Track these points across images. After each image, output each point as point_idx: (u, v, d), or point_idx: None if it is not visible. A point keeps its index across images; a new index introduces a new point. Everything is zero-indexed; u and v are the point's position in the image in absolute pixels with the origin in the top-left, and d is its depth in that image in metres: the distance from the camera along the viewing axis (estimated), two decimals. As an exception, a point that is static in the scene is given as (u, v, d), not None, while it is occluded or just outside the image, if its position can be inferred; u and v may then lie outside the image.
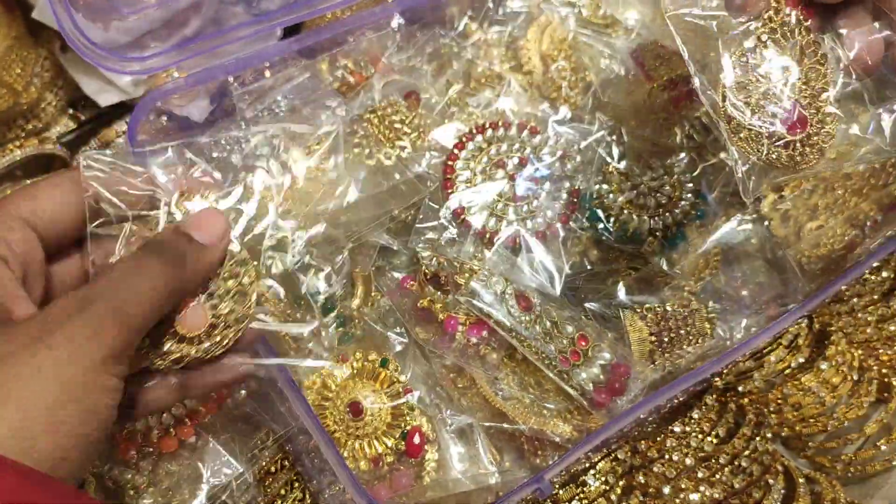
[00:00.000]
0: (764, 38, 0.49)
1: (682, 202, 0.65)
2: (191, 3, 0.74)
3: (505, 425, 0.57)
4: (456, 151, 0.64)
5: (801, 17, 0.49)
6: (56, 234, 0.43)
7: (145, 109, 0.63)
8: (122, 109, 0.78)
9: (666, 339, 0.61)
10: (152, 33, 0.73)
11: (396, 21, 0.71)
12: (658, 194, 0.65)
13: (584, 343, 0.57)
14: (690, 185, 0.65)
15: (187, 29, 0.75)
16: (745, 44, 0.49)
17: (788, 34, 0.49)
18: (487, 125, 0.65)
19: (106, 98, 0.75)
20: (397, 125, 0.65)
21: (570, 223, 0.64)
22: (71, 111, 0.80)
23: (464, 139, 0.65)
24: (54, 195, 0.43)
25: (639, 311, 0.62)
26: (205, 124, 0.71)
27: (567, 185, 0.64)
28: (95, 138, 0.77)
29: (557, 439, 0.57)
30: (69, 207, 0.43)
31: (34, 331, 0.36)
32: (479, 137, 0.65)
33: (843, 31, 0.50)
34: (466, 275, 0.57)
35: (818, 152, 0.49)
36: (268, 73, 0.70)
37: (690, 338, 0.61)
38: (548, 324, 0.56)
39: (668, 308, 0.62)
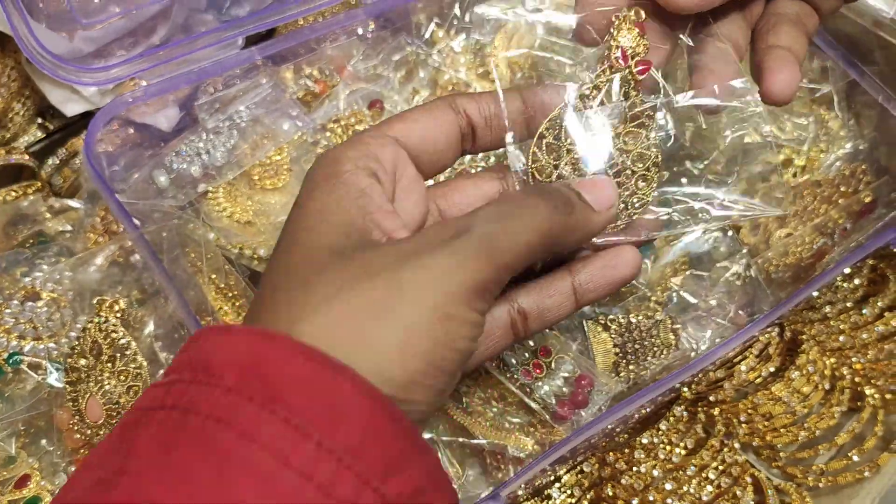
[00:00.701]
0: (585, 95, 0.46)
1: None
2: (158, 11, 0.73)
3: (466, 440, 0.57)
4: None
5: (631, 76, 0.46)
6: (427, 156, 0.44)
7: (103, 121, 0.63)
8: (90, 119, 0.78)
9: (630, 351, 0.60)
10: (118, 42, 0.73)
11: (363, 28, 0.71)
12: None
13: (546, 355, 0.56)
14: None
15: (154, 37, 0.74)
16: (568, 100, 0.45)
17: (611, 94, 0.46)
18: None
19: (72, 108, 0.74)
20: (359, 135, 0.64)
21: None
22: (39, 121, 0.79)
23: None
24: (426, 119, 0.44)
25: (602, 322, 0.61)
26: (173, 132, 0.70)
27: None
28: (63, 148, 0.76)
29: (519, 453, 0.56)
30: (439, 132, 0.44)
31: (406, 250, 0.36)
32: None
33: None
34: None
35: (627, 217, 0.47)
36: (238, 82, 0.70)
37: (655, 349, 0.60)
38: (505, 337, 0.55)
39: (633, 319, 0.61)
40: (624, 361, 0.60)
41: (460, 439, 0.56)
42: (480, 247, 0.36)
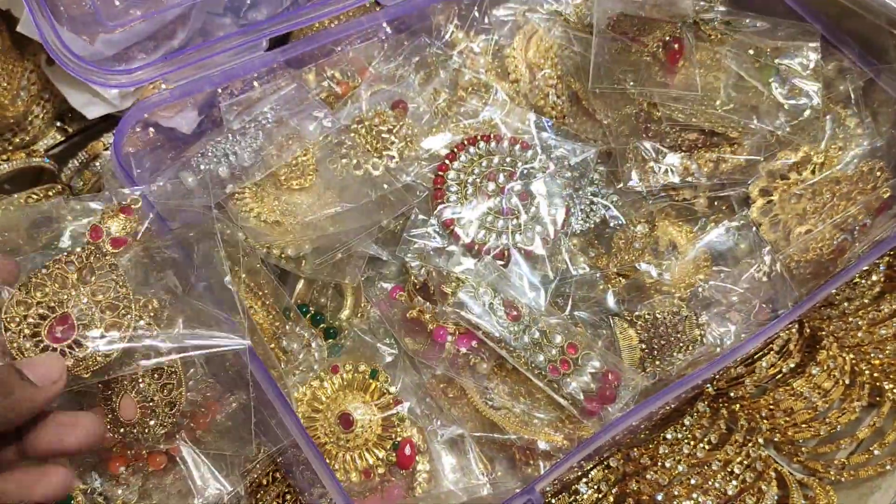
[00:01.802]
0: None
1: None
2: (178, 15, 0.74)
3: (496, 435, 0.57)
4: (447, 162, 0.64)
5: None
6: None
7: (130, 123, 0.63)
8: (109, 122, 0.78)
9: (656, 347, 0.61)
10: (139, 45, 0.73)
11: (383, 31, 0.72)
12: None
13: (573, 352, 0.57)
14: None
15: (174, 41, 0.75)
16: None
17: None
18: (479, 137, 0.65)
19: (93, 111, 0.75)
20: (384, 135, 0.64)
21: (560, 234, 0.64)
22: (58, 124, 0.79)
23: (455, 150, 0.65)
24: None
25: (628, 318, 0.61)
26: (193, 135, 0.71)
27: (557, 200, 0.64)
28: (83, 151, 0.76)
29: (549, 448, 0.56)
30: None
31: None
32: (471, 149, 0.65)
33: None
34: (454, 284, 0.57)
35: None
36: (256, 84, 0.70)
37: (681, 345, 0.61)
38: (536, 333, 0.56)
39: (658, 315, 0.62)
40: (650, 357, 0.61)
41: (492, 435, 0.57)
42: None
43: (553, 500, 0.60)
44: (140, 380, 0.52)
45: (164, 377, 0.52)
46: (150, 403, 0.52)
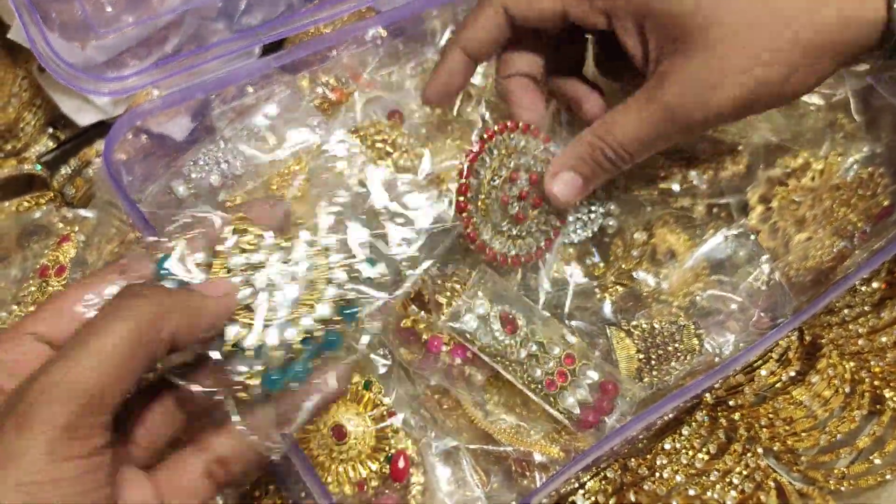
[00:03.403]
0: None
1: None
2: (170, 20, 0.73)
3: (491, 447, 0.56)
4: (470, 165, 0.56)
5: None
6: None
7: (121, 132, 0.62)
8: (102, 128, 0.77)
9: (654, 356, 0.60)
10: (131, 51, 0.72)
11: (378, 36, 0.71)
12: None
13: (570, 363, 0.56)
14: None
15: (167, 46, 0.74)
16: None
17: None
18: (498, 130, 0.57)
19: (84, 118, 0.74)
20: (379, 145, 0.64)
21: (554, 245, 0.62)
22: (50, 130, 0.79)
23: (476, 151, 0.56)
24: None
25: (626, 328, 0.61)
26: (186, 142, 0.70)
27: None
28: (75, 158, 0.76)
29: (545, 460, 0.56)
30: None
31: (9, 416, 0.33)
32: (494, 151, 0.57)
33: None
34: (448, 293, 0.56)
35: None
36: (250, 90, 0.69)
37: (679, 354, 0.60)
38: (534, 347, 0.55)
39: (656, 325, 0.61)
40: (647, 367, 0.60)
41: (487, 447, 0.56)
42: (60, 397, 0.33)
43: (549, 512, 0.59)
44: None
45: None
46: None
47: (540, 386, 0.55)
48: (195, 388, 0.39)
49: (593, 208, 0.64)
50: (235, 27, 0.77)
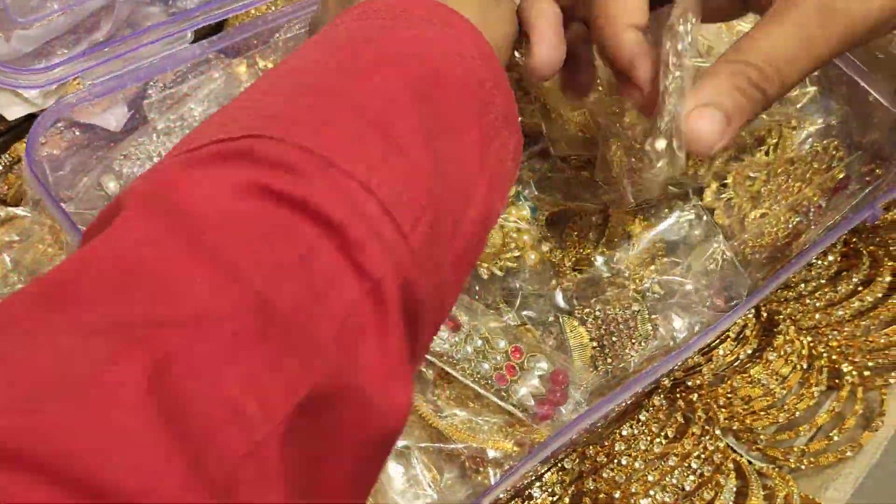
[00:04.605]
0: None
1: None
2: (101, 5, 0.69)
3: (442, 445, 0.55)
4: None
5: None
6: None
7: (44, 126, 0.59)
8: (34, 121, 0.74)
9: (607, 344, 0.59)
10: (59, 39, 0.69)
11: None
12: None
13: (518, 355, 0.55)
14: None
15: (98, 33, 0.71)
16: None
17: None
18: None
19: (13, 112, 0.70)
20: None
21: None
22: (-20, 125, 0.75)
23: None
24: None
25: (578, 315, 0.59)
26: (123, 132, 0.67)
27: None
28: (6, 154, 0.73)
29: (499, 456, 0.54)
30: None
31: None
32: None
33: None
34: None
35: None
36: (191, 77, 0.66)
37: (633, 341, 0.59)
38: (479, 342, 0.54)
39: (609, 311, 0.59)
40: (602, 355, 0.59)
41: (438, 445, 0.55)
42: None
43: (506, 506, 0.58)
44: None
45: None
46: None
47: (490, 381, 0.54)
48: None
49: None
50: (171, 10, 0.74)
